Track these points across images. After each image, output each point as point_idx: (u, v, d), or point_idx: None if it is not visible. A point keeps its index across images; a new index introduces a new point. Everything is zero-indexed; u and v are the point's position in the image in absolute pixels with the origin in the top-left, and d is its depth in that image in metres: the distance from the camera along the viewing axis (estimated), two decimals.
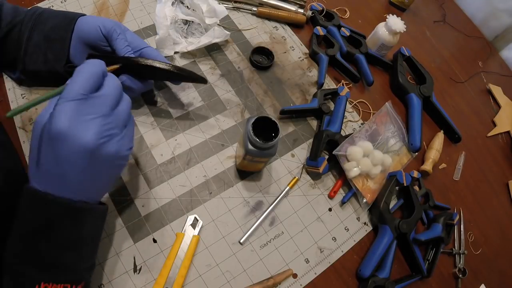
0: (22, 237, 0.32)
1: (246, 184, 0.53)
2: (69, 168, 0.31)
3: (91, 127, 0.31)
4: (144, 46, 0.49)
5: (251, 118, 0.44)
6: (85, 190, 0.33)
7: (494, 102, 0.80)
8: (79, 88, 0.31)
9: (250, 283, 0.47)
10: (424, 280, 0.54)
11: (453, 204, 0.62)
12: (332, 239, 0.53)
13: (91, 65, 0.33)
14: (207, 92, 0.58)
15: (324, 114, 0.59)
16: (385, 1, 0.84)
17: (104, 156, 0.32)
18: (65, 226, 0.33)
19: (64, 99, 0.31)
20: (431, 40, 0.83)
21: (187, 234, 0.47)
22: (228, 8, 0.67)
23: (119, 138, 0.33)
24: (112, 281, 0.43)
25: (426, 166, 0.62)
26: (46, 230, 0.32)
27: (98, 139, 0.31)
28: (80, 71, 0.33)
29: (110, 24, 0.46)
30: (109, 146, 0.32)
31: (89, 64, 0.33)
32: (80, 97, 0.31)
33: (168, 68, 0.45)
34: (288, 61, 0.66)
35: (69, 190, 0.32)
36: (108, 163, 0.33)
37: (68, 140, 0.30)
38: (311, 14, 0.71)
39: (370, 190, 0.56)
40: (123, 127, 0.35)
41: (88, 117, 0.31)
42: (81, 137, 0.30)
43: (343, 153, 0.55)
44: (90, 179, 0.33)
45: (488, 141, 0.73)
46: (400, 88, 0.68)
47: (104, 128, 0.32)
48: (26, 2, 0.59)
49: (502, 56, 0.89)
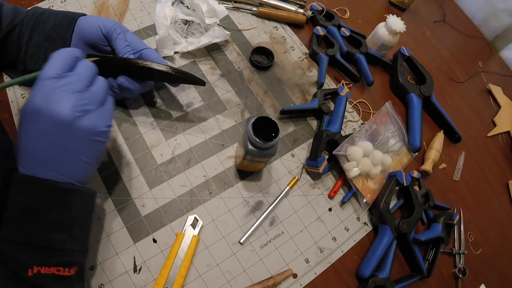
0: (12, 222, 0.33)
1: (246, 184, 0.53)
2: (46, 142, 0.32)
3: (66, 100, 0.32)
4: (144, 48, 0.49)
5: (251, 118, 0.44)
6: (67, 168, 0.34)
7: (494, 102, 0.80)
8: (54, 68, 0.33)
9: (250, 283, 0.47)
10: (424, 280, 0.54)
11: (453, 204, 0.62)
12: (332, 239, 0.53)
13: (65, 50, 0.36)
14: (207, 92, 0.58)
15: (324, 114, 0.59)
16: (385, 1, 0.84)
17: (79, 129, 0.33)
18: (52, 207, 0.33)
19: (41, 79, 0.33)
20: (431, 40, 0.83)
21: (187, 234, 0.47)
22: (228, 8, 0.67)
23: (95, 114, 0.35)
24: (112, 281, 0.43)
25: (426, 166, 0.62)
26: (34, 212, 0.33)
27: (72, 112, 0.32)
28: (54, 55, 0.35)
29: (110, 24, 0.46)
30: (84, 120, 0.33)
31: (63, 50, 0.36)
32: (54, 76, 0.33)
33: (167, 70, 0.45)
34: (288, 61, 0.66)
35: (51, 169, 0.33)
36: (85, 139, 0.34)
37: (43, 114, 0.32)
38: (311, 14, 0.71)
39: (370, 190, 0.56)
40: (100, 105, 0.36)
41: (63, 93, 0.32)
42: (55, 110, 0.32)
43: (343, 153, 0.55)
44: (69, 155, 0.34)
45: (488, 141, 0.73)
46: (400, 88, 0.68)
47: (78, 103, 0.33)
48: (26, 2, 0.59)
49: (502, 56, 0.89)
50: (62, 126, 0.32)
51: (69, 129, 0.33)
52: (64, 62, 0.34)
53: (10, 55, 0.47)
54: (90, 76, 0.36)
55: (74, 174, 0.35)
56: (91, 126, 0.34)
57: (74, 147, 0.34)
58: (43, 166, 0.33)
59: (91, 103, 0.35)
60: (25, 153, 0.33)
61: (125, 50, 0.46)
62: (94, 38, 0.46)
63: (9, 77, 0.52)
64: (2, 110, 0.50)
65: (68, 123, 0.32)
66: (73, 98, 0.33)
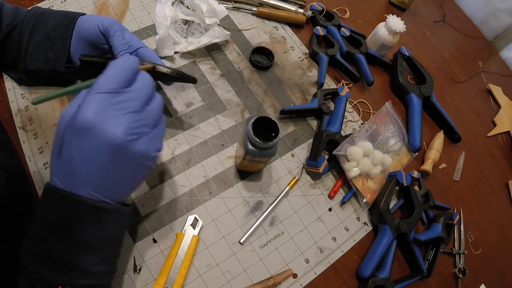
0: (41, 237, 0.31)
1: (246, 184, 0.53)
2: (93, 163, 0.30)
3: (121, 122, 0.29)
4: (140, 46, 0.49)
5: (251, 118, 0.44)
6: (108, 189, 0.32)
7: (494, 102, 0.80)
8: (110, 81, 0.30)
9: (250, 283, 0.47)
10: (424, 280, 0.54)
11: (453, 204, 0.62)
12: (332, 239, 0.53)
13: (125, 60, 0.32)
14: (207, 92, 0.58)
15: (324, 114, 0.59)
16: (385, 1, 0.84)
17: (131, 154, 0.31)
18: (85, 226, 0.31)
19: (94, 91, 0.29)
20: (431, 40, 0.83)
21: (187, 234, 0.47)
22: (228, 8, 0.67)
23: (148, 137, 0.32)
24: None
25: (426, 166, 0.62)
26: (65, 230, 0.31)
27: (126, 135, 0.30)
28: (112, 65, 0.32)
29: (108, 22, 0.45)
30: (137, 144, 0.31)
31: (122, 59, 0.32)
32: (110, 90, 0.30)
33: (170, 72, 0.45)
34: (288, 61, 0.66)
35: (91, 188, 0.31)
36: (134, 162, 0.32)
37: (95, 132, 0.29)
38: (311, 14, 0.71)
39: (370, 190, 0.56)
40: (153, 126, 0.33)
41: (117, 112, 0.29)
42: (108, 131, 0.29)
43: (343, 153, 0.55)
44: (114, 177, 0.31)
45: (488, 141, 0.73)
46: (400, 88, 0.68)
47: (134, 124, 0.30)
48: (26, 2, 0.59)
49: (502, 56, 0.89)
50: (112, 149, 0.29)
51: (119, 152, 0.30)
52: (123, 75, 0.31)
53: (10, 55, 0.47)
54: (149, 93, 0.33)
55: (113, 195, 0.33)
56: (143, 151, 0.31)
57: (121, 170, 0.32)
58: (84, 184, 0.31)
59: (146, 124, 0.32)
60: (66, 167, 0.31)
61: (121, 48, 0.45)
62: (93, 36, 0.46)
63: (9, 76, 0.52)
64: (2, 110, 0.50)
65: (119, 147, 0.30)
66: (129, 119, 0.30)
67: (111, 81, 0.30)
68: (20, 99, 0.51)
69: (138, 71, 0.33)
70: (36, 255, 0.31)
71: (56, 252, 0.31)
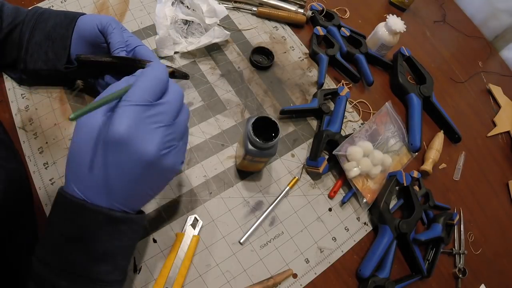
0: (54, 246, 0.30)
1: (246, 184, 0.53)
2: (123, 177, 0.29)
3: (155, 136, 0.29)
4: (138, 44, 0.48)
5: (251, 118, 0.44)
6: (129, 200, 0.31)
7: (494, 102, 0.80)
8: (145, 93, 0.29)
9: (250, 283, 0.47)
10: (424, 280, 0.54)
11: (453, 204, 0.62)
12: (332, 239, 0.53)
13: (158, 70, 0.31)
14: (207, 92, 0.58)
15: (324, 114, 0.59)
16: (385, 1, 0.84)
17: (161, 168, 0.30)
18: (101, 237, 0.30)
19: (127, 102, 0.28)
20: (431, 40, 0.83)
21: (187, 234, 0.47)
22: (228, 8, 0.67)
23: (176, 150, 0.31)
24: None
25: (426, 166, 0.62)
26: (81, 240, 0.30)
27: (159, 150, 0.29)
28: (146, 75, 0.30)
29: (106, 20, 0.45)
30: (168, 158, 0.30)
31: (155, 69, 0.31)
32: (145, 102, 0.28)
33: None
34: (288, 61, 0.66)
35: (113, 199, 0.30)
36: (162, 176, 0.31)
37: (128, 148, 0.28)
38: (311, 14, 0.71)
39: (370, 190, 0.56)
40: (180, 139, 0.32)
41: (152, 126, 0.29)
42: (143, 147, 0.28)
43: (343, 153, 0.55)
44: (140, 190, 0.31)
45: (488, 141, 0.73)
46: (400, 88, 0.68)
47: (166, 139, 0.29)
48: (26, 2, 0.59)
49: (502, 56, 0.89)
50: (145, 164, 0.29)
51: (151, 167, 0.29)
52: (157, 86, 0.30)
53: (10, 54, 0.47)
54: (180, 105, 0.32)
55: (133, 205, 0.32)
56: (171, 164, 0.31)
57: (148, 183, 0.31)
58: (107, 195, 0.30)
59: (176, 138, 0.31)
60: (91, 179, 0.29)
61: (118, 45, 0.44)
62: (92, 36, 0.46)
63: (9, 76, 0.51)
64: (2, 110, 0.50)
65: (152, 162, 0.29)
66: (162, 133, 0.29)
67: (146, 92, 0.29)
68: (20, 99, 0.51)
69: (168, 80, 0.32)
70: (48, 264, 0.30)
71: (70, 262, 0.30)
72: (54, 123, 0.51)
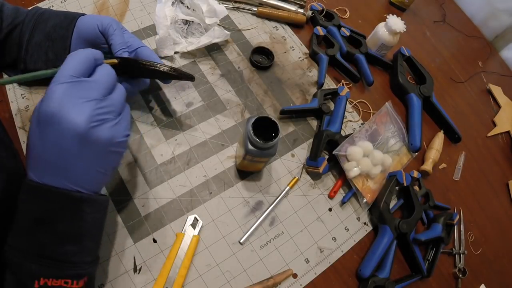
0: (21, 230, 0.32)
1: (246, 184, 0.53)
2: (60, 152, 0.31)
3: (82, 109, 0.30)
4: (140, 46, 0.49)
5: (251, 118, 0.44)
6: (81, 179, 0.32)
7: (494, 102, 0.80)
8: (70, 71, 0.31)
9: (250, 283, 0.47)
10: (424, 280, 0.54)
11: (453, 204, 0.62)
12: (332, 239, 0.53)
13: (84, 51, 0.34)
14: (207, 92, 0.58)
15: (324, 114, 0.59)
16: (385, 1, 0.84)
17: (96, 141, 0.31)
18: (63, 218, 0.32)
19: (56, 82, 0.31)
20: (431, 40, 0.83)
21: (187, 234, 0.47)
22: (228, 8, 0.67)
23: (112, 123, 0.33)
24: (112, 281, 0.43)
25: (426, 166, 0.62)
26: (44, 222, 0.31)
27: (89, 122, 0.30)
28: (72, 55, 0.33)
29: (107, 21, 0.45)
30: (101, 130, 0.31)
31: (82, 50, 0.34)
32: (71, 79, 0.31)
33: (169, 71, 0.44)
34: (288, 61, 0.66)
35: (64, 179, 0.31)
36: (102, 149, 0.32)
37: (58, 122, 0.29)
38: (311, 14, 0.71)
39: (370, 190, 0.56)
40: (117, 114, 0.34)
41: (79, 100, 0.30)
42: (71, 119, 0.30)
43: (343, 153, 0.55)
44: (84, 166, 0.32)
45: (488, 141, 0.73)
46: (400, 88, 0.68)
47: (96, 112, 0.31)
48: (26, 2, 0.59)
49: (502, 56, 0.89)
50: (77, 137, 0.30)
51: (84, 139, 0.31)
52: (82, 65, 0.32)
53: (10, 55, 0.47)
54: (110, 83, 0.34)
55: (87, 184, 0.33)
56: (108, 137, 0.32)
57: (89, 158, 0.32)
58: (55, 175, 0.31)
59: (109, 112, 0.32)
60: (36, 160, 0.31)
61: (120, 47, 0.45)
62: (92, 36, 0.46)
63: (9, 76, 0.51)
64: (2, 110, 0.50)
65: (84, 134, 0.30)
66: (90, 106, 0.31)
67: (72, 69, 0.31)
68: (20, 99, 0.51)
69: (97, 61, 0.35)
70: (19, 248, 0.32)
71: (37, 244, 0.31)
72: None
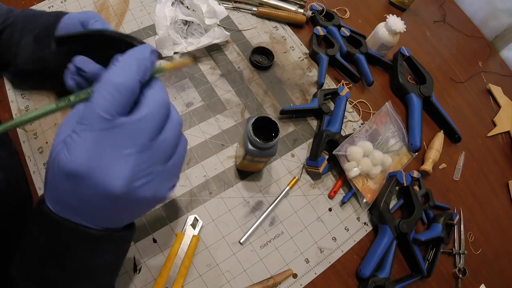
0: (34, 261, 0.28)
1: (246, 184, 0.53)
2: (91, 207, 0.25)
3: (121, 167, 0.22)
4: None
5: (251, 118, 0.44)
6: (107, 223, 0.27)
7: (494, 102, 0.80)
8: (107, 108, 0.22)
9: (250, 283, 0.47)
10: (424, 280, 0.54)
11: (453, 204, 0.62)
12: (332, 239, 0.53)
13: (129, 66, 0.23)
14: (207, 92, 0.58)
15: (324, 114, 0.59)
16: (385, 1, 0.84)
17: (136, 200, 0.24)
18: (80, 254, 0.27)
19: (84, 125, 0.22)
20: (431, 40, 0.83)
21: (187, 234, 0.47)
22: (228, 8, 0.67)
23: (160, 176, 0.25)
24: None
25: (426, 166, 0.62)
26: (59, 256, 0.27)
27: (130, 182, 0.23)
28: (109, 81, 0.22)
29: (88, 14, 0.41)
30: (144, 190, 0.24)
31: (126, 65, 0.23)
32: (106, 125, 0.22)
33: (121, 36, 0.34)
34: (288, 61, 0.66)
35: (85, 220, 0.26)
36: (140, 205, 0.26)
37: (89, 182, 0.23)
38: (311, 14, 0.71)
39: (370, 190, 0.56)
40: (166, 159, 0.25)
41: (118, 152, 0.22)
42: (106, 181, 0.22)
43: (343, 153, 0.55)
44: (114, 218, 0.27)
45: (488, 141, 0.73)
46: (400, 88, 0.68)
47: (140, 166, 0.23)
48: (26, 2, 0.59)
49: (502, 56, 0.89)
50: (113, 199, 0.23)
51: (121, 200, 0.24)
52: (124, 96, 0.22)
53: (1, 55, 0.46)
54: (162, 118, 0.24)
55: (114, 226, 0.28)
56: (150, 195, 0.25)
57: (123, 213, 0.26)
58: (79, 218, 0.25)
59: (156, 162, 0.24)
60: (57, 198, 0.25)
61: None
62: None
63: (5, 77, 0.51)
64: (2, 110, 0.50)
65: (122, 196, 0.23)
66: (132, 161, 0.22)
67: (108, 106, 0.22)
68: (20, 99, 0.51)
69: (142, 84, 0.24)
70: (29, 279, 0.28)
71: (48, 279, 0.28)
72: (54, 123, 0.51)
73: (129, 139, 0.22)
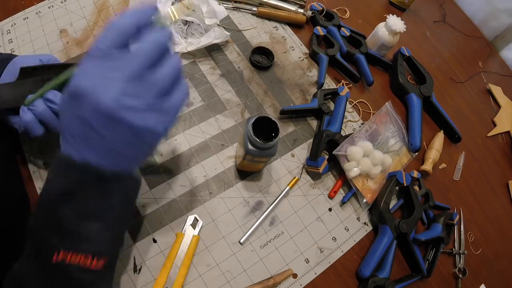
0: (46, 203, 0.31)
1: (246, 184, 0.53)
2: (90, 130, 0.28)
3: (111, 87, 0.27)
4: None
5: (251, 118, 0.44)
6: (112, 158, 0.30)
7: (494, 102, 0.80)
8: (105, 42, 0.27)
9: (250, 283, 0.47)
10: (424, 280, 0.54)
11: (453, 204, 0.62)
12: (332, 239, 0.53)
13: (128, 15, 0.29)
14: (207, 92, 0.58)
15: (324, 114, 0.59)
16: (385, 1, 0.84)
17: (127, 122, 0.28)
18: (89, 194, 0.30)
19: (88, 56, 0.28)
20: (431, 40, 0.83)
21: (187, 234, 0.47)
22: (228, 8, 0.67)
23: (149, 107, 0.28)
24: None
25: (426, 166, 0.62)
26: (70, 196, 0.30)
27: (117, 101, 0.27)
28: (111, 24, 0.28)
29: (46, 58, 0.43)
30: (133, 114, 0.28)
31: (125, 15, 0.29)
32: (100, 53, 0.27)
33: None
34: (288, 61, 0.66)
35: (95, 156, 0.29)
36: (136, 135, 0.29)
37: (86, 98, 0.27)
38: (311, 14, 0.71)
39: (370, 190, 0.56)
40: (161, 95, 0.29)
41: (110, 74, 0.27)
42: (99, 95, 0.26)
43: (343, 153, 0.55)
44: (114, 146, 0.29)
45: (488, 141, 0.73)
46: (400, 88, 0.68)
47: (127, 90, 0.27)
48: (26, 2, 0.59)
49: (502, 56, 0.89)
50: (104, 116, 0.27)
51: (112, 120, 0.27)
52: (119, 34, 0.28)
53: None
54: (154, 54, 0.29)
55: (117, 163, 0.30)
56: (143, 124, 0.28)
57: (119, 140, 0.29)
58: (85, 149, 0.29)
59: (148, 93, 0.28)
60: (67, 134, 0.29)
61: None
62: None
63: None
64: None
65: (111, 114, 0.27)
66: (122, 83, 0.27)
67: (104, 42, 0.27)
68: None
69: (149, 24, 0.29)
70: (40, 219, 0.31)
71: (59, 218, 0.30)
72: None
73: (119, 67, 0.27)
